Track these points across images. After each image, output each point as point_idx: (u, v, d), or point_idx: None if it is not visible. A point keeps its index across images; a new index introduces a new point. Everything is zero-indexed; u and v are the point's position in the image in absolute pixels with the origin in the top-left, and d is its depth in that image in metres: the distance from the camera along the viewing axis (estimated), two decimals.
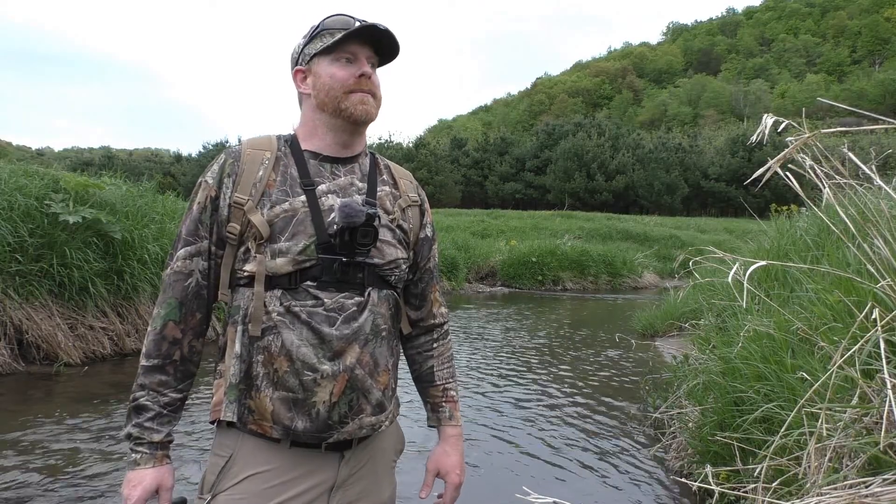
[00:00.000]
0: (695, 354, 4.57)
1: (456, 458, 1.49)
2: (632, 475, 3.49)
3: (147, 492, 1.25)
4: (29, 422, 3.95)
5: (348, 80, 1.30)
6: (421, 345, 1.53)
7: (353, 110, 1.31)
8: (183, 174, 54.29)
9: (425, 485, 1.48)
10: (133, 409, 1.28)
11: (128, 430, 1.27)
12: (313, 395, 1.23)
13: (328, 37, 1.31)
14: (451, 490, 1.47)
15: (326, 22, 1.33)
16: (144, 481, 1.25)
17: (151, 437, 1.26)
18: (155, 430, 1.27)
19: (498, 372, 6.04)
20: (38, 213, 5.52)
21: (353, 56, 1.32)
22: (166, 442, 1.29)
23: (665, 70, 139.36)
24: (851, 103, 70.70)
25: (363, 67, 1.31)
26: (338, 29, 1.31)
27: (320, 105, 1.33)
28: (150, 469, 1.26)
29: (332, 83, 1.30)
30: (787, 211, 5.55)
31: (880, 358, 1.54)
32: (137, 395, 1.28)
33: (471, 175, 56.98)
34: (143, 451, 1.26)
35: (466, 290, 14.26)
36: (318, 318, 1.24)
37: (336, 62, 1.31)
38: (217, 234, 1.31)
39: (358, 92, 1.31)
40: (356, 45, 1.32)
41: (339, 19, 1.33)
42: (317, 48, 1.32)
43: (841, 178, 1.93)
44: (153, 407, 1.27)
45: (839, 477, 1.64)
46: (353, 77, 1.30)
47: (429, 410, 1.53)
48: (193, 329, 1.31)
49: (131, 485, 1.25)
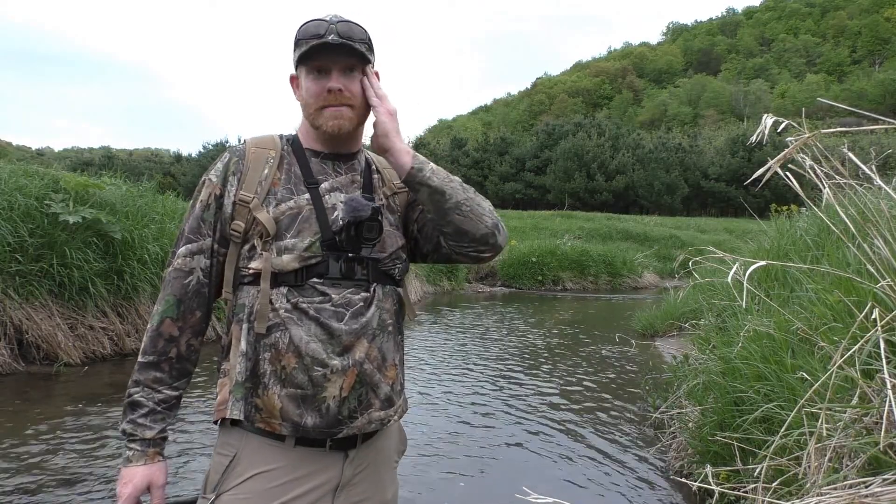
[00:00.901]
0: (695, 354, 4.57)
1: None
2: (632, 475, 3.49)
3: (137, 489, 1.25)
4: (29, 422, 3.95)
5: (320, 95, 1.28)
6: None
7: (325, 127, 1.30)
8: (183, 174, 54.28)
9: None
10: (128, 406, 1.28)
11: (122, 426, 1.28)
12: (323, 391, 1.24)
13: (303, 45, 1.27)
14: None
15: (301, 29, 1.29)
16: (135, 479, 1.26)
17: (144, 434, 1.27)
18: (148, 426, 1.27)
19: (498, 372, 6.04)
20: (38, 213, 5.52)
21: (324, 68, 1.28)
22: (159, 439, 1.29)
23: (665, 70, 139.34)
24: (851, 103, 70.69)
25: (331, 82, 1.27)
26: (306, 38, 1.27)
27: (305, 115, 1.35)
28: (142, 466, 1.26)
29: (308, 97, 1.30)
30: (787, 211, 5.55)
31: (880, 358, 1.54)
32: (132, 392, 1.28)
33: (471, 175, 56.90)
34: (136, 447, 1.27)
35: (466, 290, 14.26)
36: (326, 314, 1.24)
37: (310, 74, 1.29)
38: (221, 231, 1.31)
39: (330, 107, 1.29)
40: (326, 55, 1.27)
41: (310, 26, 1.28)
42: (295, 57, 1.30)
43: (841, 178, 1.93)
44: (147, 403, 1.28)
45: (839, 477, 1.64)
46: (323, 92, 1.28)
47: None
48: (192, 327, 1.32)
49: (123, 482, 1.26)
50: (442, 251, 1.40)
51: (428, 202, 1.30)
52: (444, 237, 1.35)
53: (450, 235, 1.33)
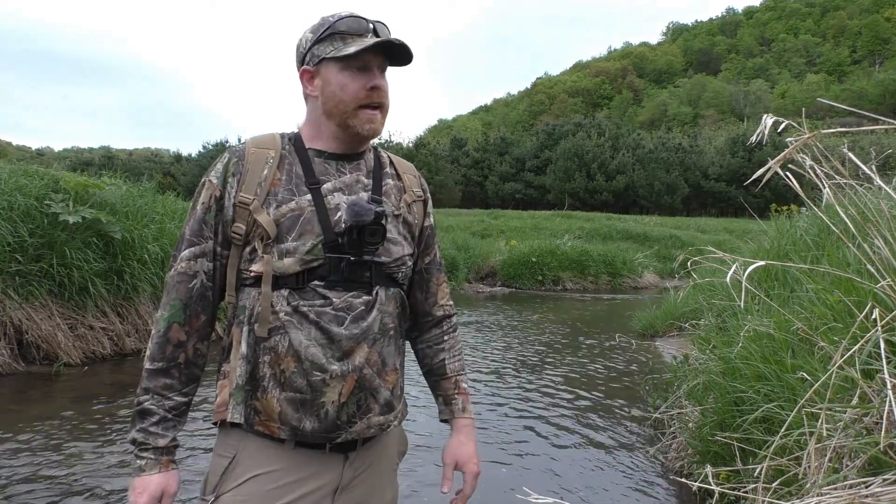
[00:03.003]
0: (695, 354, 4.57)
1: (472, 448, 1.47)
2: (632, 475, 3.49)
3: (153, 498, 1.24)
4: (29, 422, 3.95)
5: (359, 94, 1.26)
6: (431, 338, 1.51)
7: (359, 129, 1.28)
8: (183, 174, 54.28)
9: (445, 478, 1.45)
10: (137, 414, 1.26)
11: (132, 434, 1.26)
12: (322, 396, 1.22)
13: (339, 41, 1.25)
14: (470, 480, 1.45)
15: (338, 24, 1.26)
16: (150, 487, 1.24)
17: (156, 443, 1.25)
18: (160, 434, 1.25)
19: (497, 372, 6.04)
20: (38, 213, 5.52)
21: (366, 65, 1.26)
22: (171, 447, 1.27)
23: (665, 70, 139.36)
24: (851, 103, 70.69)
25: (374, 79, 1.26)
26: (351, 34, 1.25)
27: (327, 112, 1.29)
28: (156, 475, 1.25)
29: (343, 95, 1.26)
30: (787, 211, 5.55)
31: (880, 358, 1.54)
32: (142, 399, 1.26)
33: (471, 175, 56.97)
34: (148, 456, 1.25)
35: (466, 290, 14.25)
36: (326, 318, 1.23)
37: (346, 70, 1.25)
38: (222, 234, 1.29)
39: (368, 109, 1.27)
40: (370, 53, 1.26)
41: (352, 22, 1.26)
42: (327, 52, 1.26)
43: (841, 178, 1.93)
44: (158, 411, 1.25)
45: (839, 477, 1.64)
46: (364, 90, 1.26)
47: (441, 403, 1.51)
48: (198, 331, 1.30)
49: (137, 492, 1.24)
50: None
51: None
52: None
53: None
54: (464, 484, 1.45)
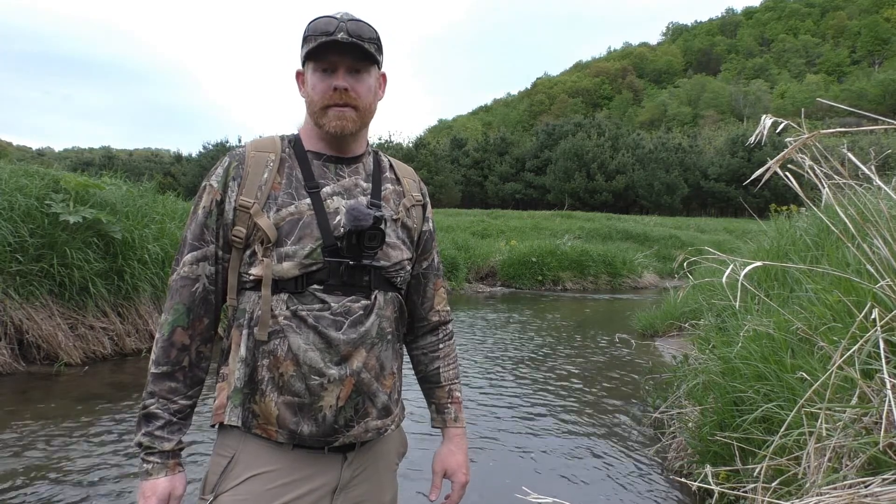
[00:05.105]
0: (695, 354, 4.57)
1: (461, 457, 1.49)
2: (632, 475, 3.49)
3: (161, 501, 1.24)
4: (29, 422, 3.96)
5: (325, 94, 1.27)
6: (427, 345, 1.53)
7: (328, 127, 1.29)
8: (183, 174, 54.34)
9: (434, 486, 1.48)
10: (143, 418, 1.26)
11: (138, 438, 1.26)
12: (320, 400, 1.23)
13: (312, 41, 1.26)
14: (458, 489, 1.48)
15: (311, 25, 1.28)
16: (157, 491, 1.24)
17: (162, 446, 1.25)
18: (166, 438, 1.26)
19: (497, 372, 6.04)
20: (38, 213, 5.52)
21: (332, 66, 1.27)
22: (177, 450, 1.28)
23: (665, 70, 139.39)
24: (851, 103, 70.71)
25: (337, 80, 1.26)
26: (315, 35, 1.26)
27: (309, 113, 1.33)
28: (163, 478, 1.25)
29: (313, 95, 1.29)
30: (786, 211, 5.55)
31: (880, 358, 1.54)
32: (147, 403, 1.26)
33: (471, 175, 57.00)
34: (155, 460, 1.25)
35: (466, 290, 14.25)
36: (324, 323, 1.23)
37: (316, 72, 1.28)
38: (223, 237, 1.29)
39: (334, 107, 1.27)
40: (335, 53, 1.26)
41: (320, 23, 1.27)
42: (302, 53, 1.29)
43: (840, 178, 1.94)
44: (163, 415, 1.26)
45: (839, 477, 1.64)
46: (329, 90, 1.27)
47: (433, 411, 1.53)
48: (201, 334, 1.30)
49: (145, 496, 1.24)
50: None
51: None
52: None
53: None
54: (451, 493, 1.47)
